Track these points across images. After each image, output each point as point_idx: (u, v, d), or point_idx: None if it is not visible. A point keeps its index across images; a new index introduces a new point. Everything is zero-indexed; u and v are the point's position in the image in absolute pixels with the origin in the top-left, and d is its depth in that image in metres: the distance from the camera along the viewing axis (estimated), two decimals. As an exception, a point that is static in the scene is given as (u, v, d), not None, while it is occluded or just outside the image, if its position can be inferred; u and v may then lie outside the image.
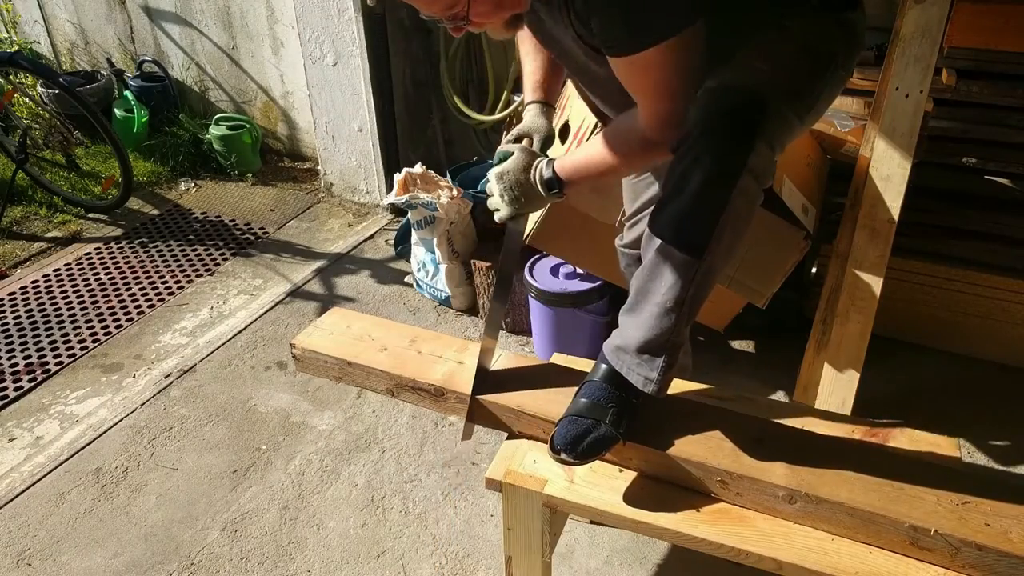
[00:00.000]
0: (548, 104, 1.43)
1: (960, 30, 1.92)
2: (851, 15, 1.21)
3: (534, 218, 2.07)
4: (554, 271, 2.30)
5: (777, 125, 1.10)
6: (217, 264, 3.03)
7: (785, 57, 1.14)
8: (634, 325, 1.21)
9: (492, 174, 1.33)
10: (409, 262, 2.86)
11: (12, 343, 2.59)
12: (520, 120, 1.45)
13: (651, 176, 1.57)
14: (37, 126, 3.47)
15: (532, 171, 1.31)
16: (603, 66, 1.16)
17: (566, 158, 1.29)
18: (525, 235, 1.93)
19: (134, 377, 2.43)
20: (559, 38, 1.23)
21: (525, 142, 1.39)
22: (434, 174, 2.69)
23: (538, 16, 1.19)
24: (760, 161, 1.07)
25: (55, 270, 3.00)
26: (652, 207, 1.55)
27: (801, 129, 1.21)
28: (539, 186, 1.29)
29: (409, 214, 2.64)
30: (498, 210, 1.34)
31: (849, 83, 2.25)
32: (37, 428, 2.23)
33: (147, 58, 3.96)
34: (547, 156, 1.36)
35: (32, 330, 2.66)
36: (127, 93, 3.82)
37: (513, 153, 1.34)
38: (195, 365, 2.46)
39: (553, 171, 1.28)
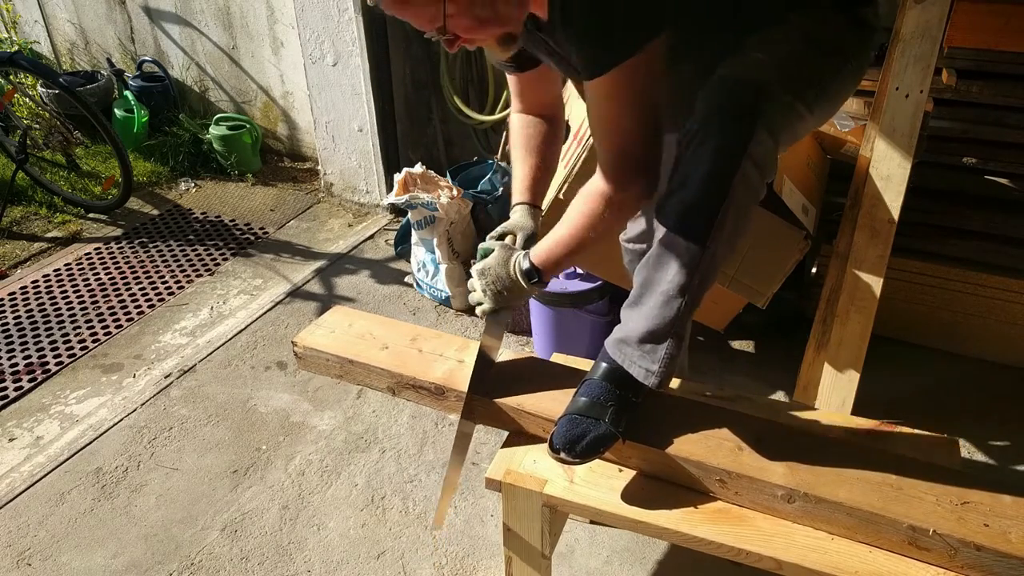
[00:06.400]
0: (535, 206, 1.48)
1: (960, 30, 1.92)
2: (864, 11, 1.23)
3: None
4: (554, 271, 2.29)
5: (779, 113, 1.12)
6: (217, 264, 3.03)
7: (786, 47, 1.16)
8: (637, 316, 1.22)
9: (474, 270, 1.37)
10: (409, 262, 2.87)
11: (12, 343, 2.60)
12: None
13: None
14: (37, 126, 3.47)
15: (511, 264, 1.33)
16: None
17: (539, 245, 1.32)
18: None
19: (134, 377, 2.43)
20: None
21: (508, 239, 1.43)
22: (434, 174, 2.69)
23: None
24: (761, 149, 1.08)
25: (55, 270, 3.00)
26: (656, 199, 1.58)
27: (812, 120, 1.22)
28: (519, 277, 1.31)
29: (409, 214, 2.64)
30: (480, 303, 1.37)
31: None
32: (37, 428, 2.24)
33: (147, 58, 3.96)
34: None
35: (32, 330, 2.66)
36: (127, 93, 3.82)
37: (494, 249, 1.37)
38: (195, 365, 2.47)
39: (530, 261, 1.31)
